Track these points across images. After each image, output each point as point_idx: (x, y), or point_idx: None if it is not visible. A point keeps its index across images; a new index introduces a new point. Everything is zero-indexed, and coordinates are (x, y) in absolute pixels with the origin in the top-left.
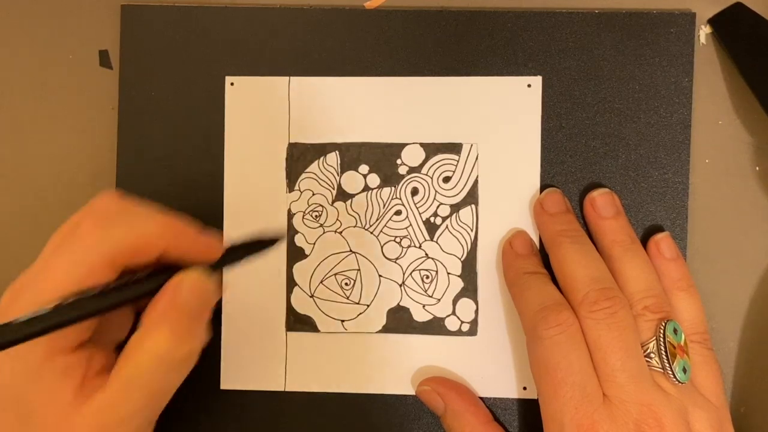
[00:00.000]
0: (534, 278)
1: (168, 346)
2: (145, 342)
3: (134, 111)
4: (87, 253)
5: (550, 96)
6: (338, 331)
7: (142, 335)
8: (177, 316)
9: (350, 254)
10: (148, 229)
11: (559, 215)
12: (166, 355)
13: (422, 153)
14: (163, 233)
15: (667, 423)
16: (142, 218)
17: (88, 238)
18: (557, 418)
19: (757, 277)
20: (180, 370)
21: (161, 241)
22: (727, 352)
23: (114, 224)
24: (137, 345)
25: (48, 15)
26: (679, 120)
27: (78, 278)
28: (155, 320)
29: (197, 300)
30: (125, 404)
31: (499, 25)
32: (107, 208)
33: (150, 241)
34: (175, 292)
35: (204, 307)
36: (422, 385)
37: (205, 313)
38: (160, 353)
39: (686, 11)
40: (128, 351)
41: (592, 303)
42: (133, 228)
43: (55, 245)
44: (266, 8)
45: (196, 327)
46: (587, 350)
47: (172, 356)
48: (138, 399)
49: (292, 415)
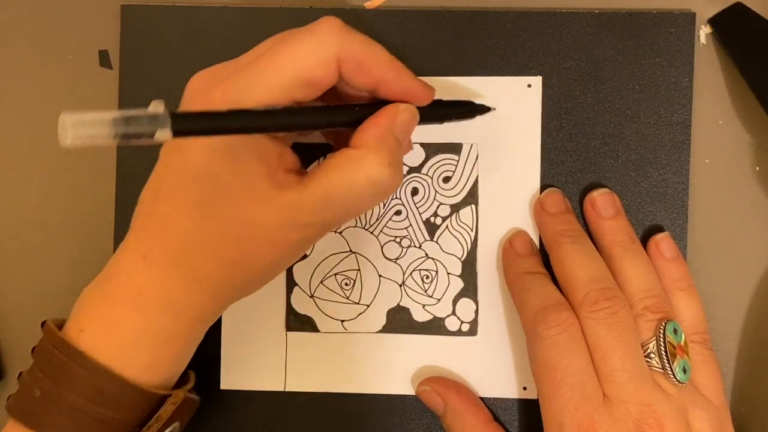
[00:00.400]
0: (534, 278)
1: (384, 172)
2: (361, 164)
3: None
4: (323, 45)
5: (550, 96)
6: (338, 331)
7: (358, 156)
8: (395, 143)
9: (350, 254)
10: (377, 49)
11: (559, 215)
12: (378, 182)
13: (422, 153)
14: (388, 60)
15: (667, 423)
16: (371, 42)
17: (326, 34)
18: (557, 418)
19: (757, 277)
20: (380, 197)
21: (386, 64)
22: (727, 352)
23: (351, 33)
24: (351, 164)
25: (48, 15)
26: (679, 120)
27: (309, 66)
28: (373, 144)
29: (408, 133)
30: (321, 211)
31: (499, 25)
32: (345, 25)
33: (377, 59)
34: (395, 119)
35: (408, 145)
36: (422, 385)
37: (407, 151)
38: (374, 178)
39: (686, 11)
40: (341, 166)
41: (592, 303)
42: (366, 42)
43: (286, 35)
44: (266, 8)
45: (402, 157)
46: (587, 350)
47: (384, 184)
48: (334, 211)
49: (292, 415)
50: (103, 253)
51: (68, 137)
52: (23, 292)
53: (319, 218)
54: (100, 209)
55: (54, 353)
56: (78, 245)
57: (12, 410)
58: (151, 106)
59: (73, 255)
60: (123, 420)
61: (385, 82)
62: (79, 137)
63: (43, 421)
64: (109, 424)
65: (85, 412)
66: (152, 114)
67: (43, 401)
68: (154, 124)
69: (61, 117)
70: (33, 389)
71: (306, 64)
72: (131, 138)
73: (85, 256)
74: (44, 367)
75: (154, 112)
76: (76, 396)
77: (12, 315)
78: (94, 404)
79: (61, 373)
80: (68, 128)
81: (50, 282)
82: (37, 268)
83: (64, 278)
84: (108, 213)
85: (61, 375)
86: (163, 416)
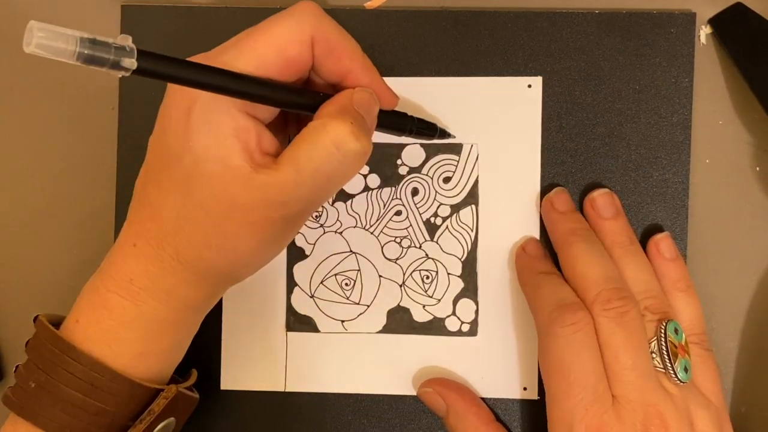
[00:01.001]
0: (548, 278)
1: (347, 136)
2: (324, 130)
3: (134, 111)
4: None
5: (550, 96)
6: (338, 331)
7: (320, 124)
8: (356, 112)
9: (350, 254)
10: (350, 40)
11: (569, 213)
12: (343, 145)
13: (422, 153)
14: (360, 56)
15: (672, 423)
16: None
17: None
18: (566, 419)
19: (757, 277)
20: (352, 164)
21: (357, 57)
22: (727, 352)
23: (326, 17)
24: (315, 132)
25: (48, 15)
26: (679, 120)
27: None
28: (334, 113)
29: (370, 110)
30: (295, 188)
31: (499, 25)
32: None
33: (349, 49)
34: (354, 94)
35: (372, 123)
36: (424, 386)
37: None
38: (338, 141)
39: (686, 11)
40: (305, 137)
41: (605, 302)
42: (340, 30)
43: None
44: (266, 8)
45: (369, 130)
46: (599, 350)
47: (349, 147)
48: (308, 185)
49: (292, 415)
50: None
51: (32, 43)
52: (23, 292)
53: (295, 194)
54: (100, 209)
55: (47, 346)
56: (78, 245)
57: (8, 402)
58: (119, 38)
59: (73, 255)
60: (116, 412)
61: (353, 75)
62: (43, 47)
63: (39, 413)
64: (102, 416)
65: (79, 405)
66: (120, 45)
67: (38, 393)
68: (120, 54)
69: (30, 22)
70: (28, 382)
71: (283, 40)
72: (94, 62)
73: (85, 256)
74: (38, 360)
75: (122, 43)
76: (70, 388)
77: (12, 315)
78: (87, 396)
79: (54, 366)
80: (34, 33)
81: (50, 282)
82: (37, 268)
83: (64, 278)
84: (108, 213)
85: (54, 368)
86: (155, 410)
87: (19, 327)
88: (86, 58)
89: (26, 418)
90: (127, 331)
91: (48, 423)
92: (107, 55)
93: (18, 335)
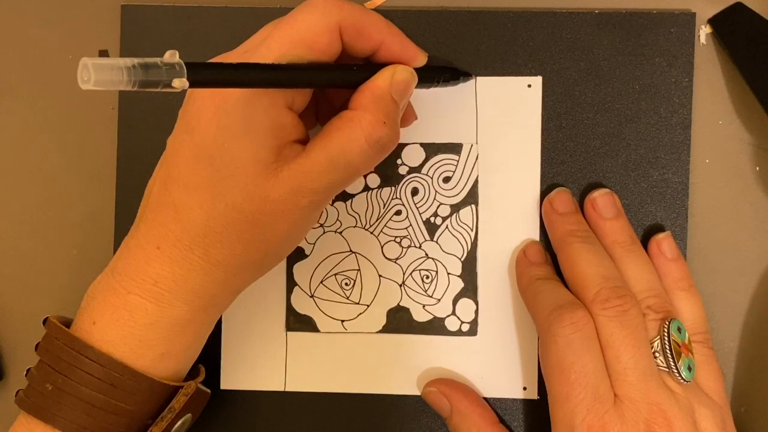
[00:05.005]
0: (547, 283)
1: (380, 131)
2: (359, 125)
3: (134, 111)
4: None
5: (550, 96)
6: (338, 331)
7: (355, 115)
8: (391, 103)
9: (350, 254)
10: (374, 17)
11: (568, 215)
12: (375, 138)
13: (422, 153)
14: (386, 25)
15: (676, 422)
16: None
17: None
18: (568, 420)
19: (757, 277)
20: (381, 154)
21: (383, 29)
22: (727, 352)
23: (348, 3)
24: (349, 124)
25: (48, 15)
26: (679, 120)
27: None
28: (369, 104)
29: (406, 93)
30: (326, 176)
31: (499, 25)
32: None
33: (375, 24)
34: (395, 75)
35: (405, 104)
36: (428, 386)
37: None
38: (371, 135)
39: (686, 11)
40: (339, 128)
41: (604, 300)
42: (363, 9)
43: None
44: (266, 9)
45: (399, 118)
46: (600, 350)
47: (380, 139)
48: (338, 175)
49: (292, 415)
50: (103, 252)
51: (90, 80)
52: (23, 292)
53: (325, 182)
54: (100, 209)
55: (63, 348)
56: (78, 245)
57: (23, 404)
58: (167, 55)
59: (73, 255)
60: (136, 411)
61: (385, 45)
62: (100, 81)
63: (57, 414)
64: (122, 415)
65: (99, 405)
66: (169, 63)
67: (56, 395)
68: (171, 73)
69: (83, 60)
70: (44, 384)
71: (310, 34)
72: (148, 86)
73: (85, 255)
74: (53, 362)
75: (170, 61)
76: (89, 389)
77: (12, 315)
78: (107, 397)
79: (72, 368)
80: (91, 71)
81: (50, 282)
82: (37, 268)
83: (64, 278)
84: (108, 213)
85: (72, 369)
86: (176, 407)
87: (19, 327)
88: (141, 83)
89: (44, 420)
90: (149, 333)
91: (67, 424)
92: (160, 76)
93: (18, 335)
